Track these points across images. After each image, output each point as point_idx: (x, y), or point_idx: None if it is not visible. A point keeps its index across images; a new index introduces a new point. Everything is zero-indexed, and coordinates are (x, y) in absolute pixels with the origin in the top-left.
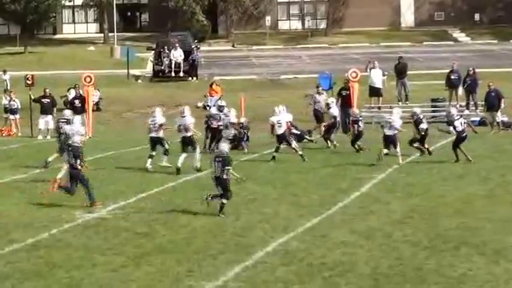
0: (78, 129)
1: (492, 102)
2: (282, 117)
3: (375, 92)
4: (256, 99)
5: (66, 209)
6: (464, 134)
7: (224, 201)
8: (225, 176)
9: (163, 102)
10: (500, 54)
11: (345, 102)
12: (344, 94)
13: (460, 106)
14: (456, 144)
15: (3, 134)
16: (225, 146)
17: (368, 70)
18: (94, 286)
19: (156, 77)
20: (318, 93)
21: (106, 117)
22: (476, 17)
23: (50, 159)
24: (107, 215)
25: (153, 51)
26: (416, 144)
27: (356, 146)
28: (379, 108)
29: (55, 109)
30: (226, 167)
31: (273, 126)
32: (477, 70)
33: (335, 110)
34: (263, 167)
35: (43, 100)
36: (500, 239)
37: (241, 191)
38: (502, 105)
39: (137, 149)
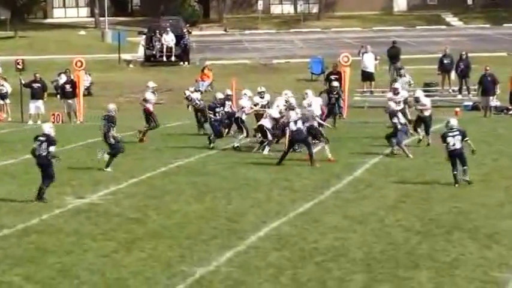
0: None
1: (487, 87)
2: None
3: (367, 76)
4: (249, 83)
5: (57, 195)
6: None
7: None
8: None
9: (155, 86)
10: (493, 39)
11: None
12: (333, 78)
13: (453, 91)
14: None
15: None
16: None
17: (360, 54)
18: (85, 271)
19: (147, 61)
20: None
21: (97, 102)
22: (469, 1)
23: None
24: (98, 200)
25: (144, 36)
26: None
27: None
28: (371, 92)
29: (45, 94)
30: None
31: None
32: (470, 54)
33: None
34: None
35: (33, 85)
36: (493, 223)
37: (234, 176)
38: (498, 90)
39: (128, 134)
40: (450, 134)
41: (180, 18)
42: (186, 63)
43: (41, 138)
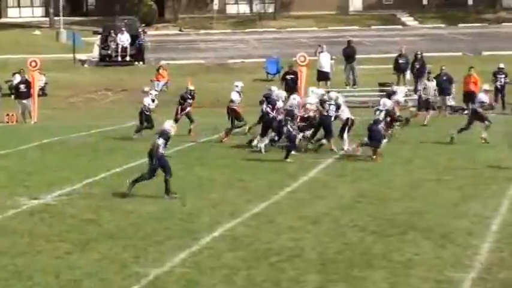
0: None
1: (444, 86)
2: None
3: (323, 76)
4: (204, 83)
5: (11, 196)
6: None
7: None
8: None
9: (110, 86)
10: (448, 39)
11: (290, 87)
12: (289, 78)
13: (408, 90)
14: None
15: None
16: None
17: (317, 54)
18: (39, 273)
19: (102, 61)
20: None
21: (52, 102)
22: (425, 1)
23: None
24: (53, 201)
25: (99, 36)
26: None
27: None
28: (327, 92)
29: (0, 94)
30: None
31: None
32: (426, 54)
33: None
34: (212, 151)
35: None
36: (447, 223)
37: (189, 176)
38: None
39: (83, 135)
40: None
41: (135, 18)
42: (141, 63)
43: None
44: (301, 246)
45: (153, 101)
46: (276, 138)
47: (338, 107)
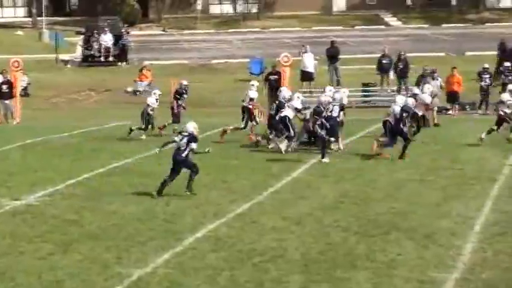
0: None
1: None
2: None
3: (306, 76)
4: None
5: None
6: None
7: None
8: None
9: (93, 87)
10: (432, 39)
11: (273, 87)
12: (272, 79)
13: (392, 91)
14: None
15: None
16: None
17: (301, 54)
18: (21, 274)
19: (85, 61)
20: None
21: (34, 102)
22: (408, 1)
23: None
24: (35, 202)
25: (82, 36)
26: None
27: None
28: (310, 92)
29: None
30: None
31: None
32: (409, 54)
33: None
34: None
35: None
36: (430, 223)
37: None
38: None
39: (66, 135)
40: None
41: (118, 18)
42: (124, 63)
43: None
44: (284, 247)
45: (156, 100)
46: (292, 134)
47: (342, 108)
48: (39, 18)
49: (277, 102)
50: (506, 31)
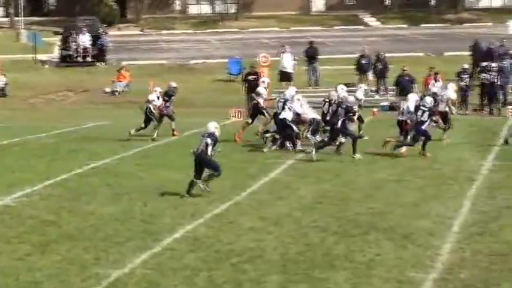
0: None
1: (405, 87)
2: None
3: (285, 76)
4: (166, 84)
5: None
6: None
7: None
8: None
9: (71, 87)
10: (410, 39)
11: (251, 87)
12: (250, 79)
13: (371, 91)
14: None
15: None
16: None
17: (279, 55)
18: None
19: (63, 62)
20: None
21: (12, 103)
22: (387, 1)
23: None
24: (13, 202)
25: (60, 36)
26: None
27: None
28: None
29: None
30: None
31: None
32: (388, 55)
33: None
34: (174, 152)
35: None
36: (409, 223)
37: (150, 177)
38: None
39: (43, 136)
40: None
41: (96, 18)
42: (102, 63)
43: None
44: (262, 247)
45: (158, 98)
46: (297, 131)
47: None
48: (16, 18)
49: (282, 100)
50: (484, 31)
